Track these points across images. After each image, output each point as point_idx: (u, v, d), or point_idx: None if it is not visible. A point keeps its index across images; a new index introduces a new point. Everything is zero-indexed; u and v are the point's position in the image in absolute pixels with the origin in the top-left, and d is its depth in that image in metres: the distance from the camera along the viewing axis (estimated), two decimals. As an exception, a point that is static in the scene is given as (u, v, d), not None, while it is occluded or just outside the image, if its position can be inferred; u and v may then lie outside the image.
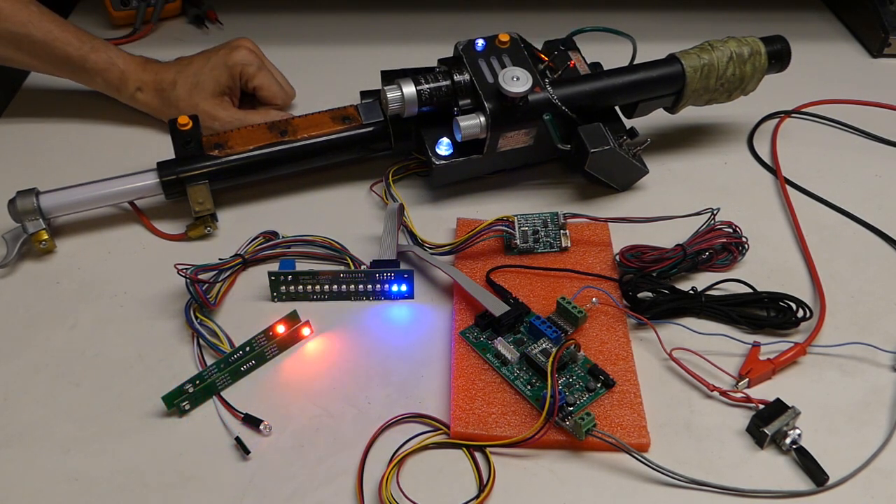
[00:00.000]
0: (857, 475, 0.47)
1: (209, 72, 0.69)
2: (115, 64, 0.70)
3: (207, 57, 0.70)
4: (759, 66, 0.67)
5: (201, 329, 0.54)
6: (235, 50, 0.70)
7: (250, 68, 0.70)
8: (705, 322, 0.56)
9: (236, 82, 0.71)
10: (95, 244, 0.62)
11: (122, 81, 0.70)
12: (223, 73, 0.70)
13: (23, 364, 0.53)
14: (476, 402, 0.49)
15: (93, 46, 0.69)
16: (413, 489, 0.46)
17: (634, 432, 0.48)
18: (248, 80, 0.71)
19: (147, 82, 0.70)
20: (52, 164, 0.70)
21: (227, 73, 0.70)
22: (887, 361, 0.54)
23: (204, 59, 0.70)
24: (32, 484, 0.46)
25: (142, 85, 0.70)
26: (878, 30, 0.87)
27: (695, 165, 0.71)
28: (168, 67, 0.71)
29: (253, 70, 0.70)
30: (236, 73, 0.70)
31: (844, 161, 0.72)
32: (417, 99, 0.62)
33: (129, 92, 0.71)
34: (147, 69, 0.70)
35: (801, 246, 0.62)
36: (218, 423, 0.49)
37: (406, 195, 0.66)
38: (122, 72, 0.70)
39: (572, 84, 0.64)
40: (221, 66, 0.70)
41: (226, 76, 0.70)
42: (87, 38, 0.69)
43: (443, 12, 0.94)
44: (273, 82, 0.72)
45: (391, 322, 0.56)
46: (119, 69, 0.70)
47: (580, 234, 0.61)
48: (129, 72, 0.70)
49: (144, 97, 0.71)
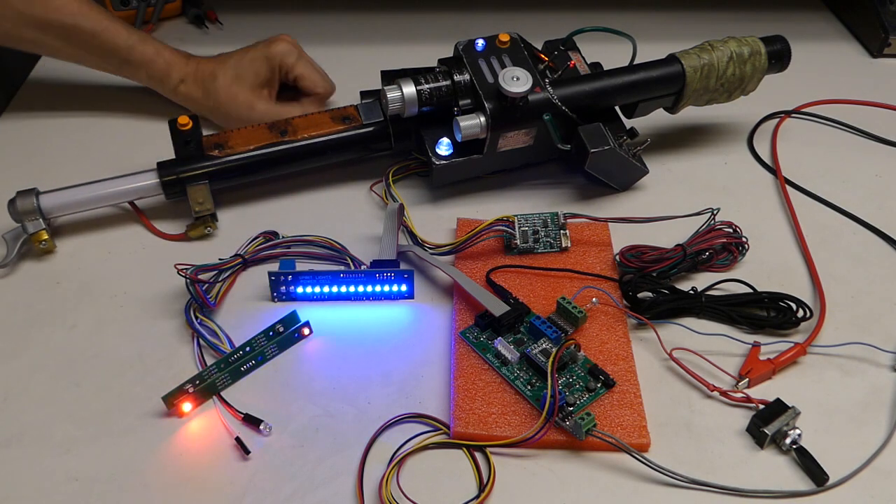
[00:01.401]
0: (857, 475, 0.47)
1: (249, 64, 0.70)
2: (160, 55, 0.70)
3: (246, 50, 0.71)
4: (759, 66, 0.67)
5: (201, 329, 0.54)
6: (275, 43, 0.71)
7: (290, 58, 0.71)
8: (705, 322, 0.56)
9: (276, 74, 0.71)
10: (95, 244, 0.62)
11: (166, 74, 0.71)
12: (263, 65, 0.70)
13: (23, 364, 0.53)
14: (476, 402, 0.49)
15: (139, 38, 0.70)
16: (413, 489, 0.46)
17: (634, 432, 0.48)
18: (289, 70, 0.71)
19: (189, 74, 0.71)
20: (53, 164, 0.70)
21: (266, 66, 0.70)
22: (887, 361, 0.54)
23: (243, 53, 0.71)
24: (32, 484, 0.46)
25: (185, 77, 0.71)
26: (878, 30, 0.87)
27: (695, 165, 0.71)
28: (208, 60, 0.72)
29: (293, 60, 0.71)
30: (276, 65, 0.70)
31: (844, 161, 0.72)
32: (417, 99, 0.62)
33: (172, 84, 0.71)
34: (189, 62, 0.71)
35: (801, 246, 0.62)
36: (218, 423, 0.49)
37: (406, 195, 0.66)
38: (167, 64, 0.70)
39: (572, 84, 0.64)
40: (261, 58, 0.70)
41: (265, 68, 0.70)
42: (134, 31, 0.70)
43: (443, 12, 0.94)
44: (314, 71, 0.73)
45: (391, 322, 0.56)
46: (164, 61, 0.70)
47: (580, 234, 0.61)
48: (172, 64, 0.71)
49: (187, 89, 0.71)
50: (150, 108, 0.74)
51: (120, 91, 0.77)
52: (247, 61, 0.70)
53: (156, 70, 0.71)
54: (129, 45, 0.69)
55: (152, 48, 0.70)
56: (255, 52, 0.71)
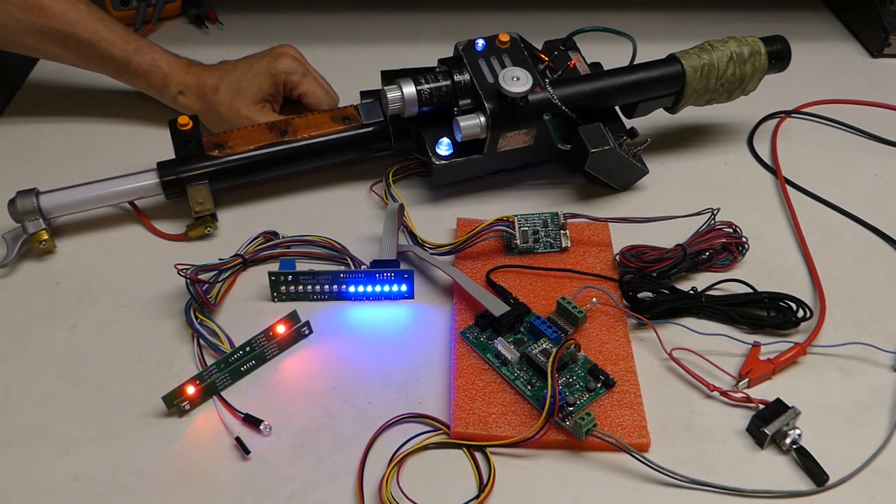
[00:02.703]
0: (857, 475, 0.47)
1: (252, 78, 0.69)
2: (158, 66, 0.70)
3: (251, 63, 0.70)
4: (759, 66, 0.67)
5: (201, 329, 0.54)
6: (280, 58, 0.70)
7: (294, 76, 0.70)
8: (705, 322, 0.56)
9: (280, 90, 0.70)
10: (95, 244, 0.62)
11: (165, 84, 0.70)
12: (266, 81, 0.69)
13: (23, 364, 0.53)
14: (476, 402, 0.49)
15: (137, 48, 0.69)
16: (413, 489, 0.46)
17: (634, 432, 0.48)
18: (293, 87, 0.70)
19: (189, 86, 0.70)
20: (52, 164, 0.70)
21: (270, 81, 0.69)
22: (887, 361, 0.54)
23: (247, 66, 0.70)
24: (32, 484, 0.46)
25: (184, 88, 0.70)
26: (878, 30, 0.87)
27: (695, 165, 0.71)
28: (211, 72, 0.70)
29: (297, 78, 0.70)
30: (280, 81, 0.70)
31: (844, 161, 0.72)
32: (417, 99, 0.62)
33: (171, 94, 0.71)
34: (190, 72, 0.70)
35: (801, 246, 0.62)
36: (218, 423, 0.49)
37: (406, 195, 0.66)
38: (165, 74, 0.70)
39: (572, 84, 0.64)
40: (265, 74, 0.69)
41: (269, 83, 0.69)
42: (133, 39, 0.69)
43: (443, 12, 0.94)
44: (318, 88, 0.71)
45: (391, 322, 0.56)
46: (162, 72, 0.70)
47: (580, 234, 0.61)
48: (171, 74, 0.70)
49: (186, 100, 0.70)
50: (150, 109, 0.74)
51: (120, 92, 0.77)
52: (250, 76, 0.69)
53: (154, 80, 0.70)
54: (126, 56, 0.68)
55: (149, 58, 0.69)
56: (259, 66, 0.69)
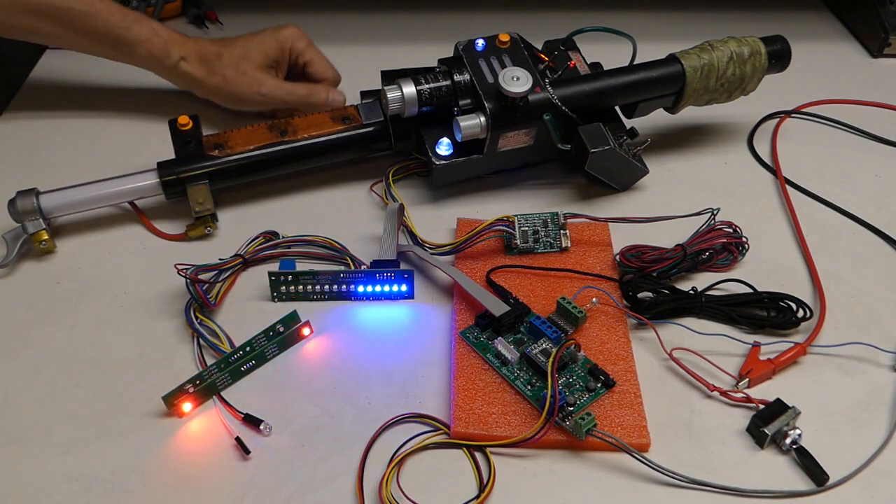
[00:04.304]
0: (857, 475, 0.47)
1: (258, 44, 0.69)
2: (158, 34, 0.69)
3: (254, 34, 0.70)
4: (759, 66, 0.67)
5: (201, 329, 0.54)
6: (284, 27, 0.71)
7: (300, 43, 0.70)
8: (705, 322, 0.56)
9: (285, 56, 0.71)
10: (95, 244, 0.62)
11: (166, 51, 0.69)
12: (272, 46, 0.69)
13: (23, 364, 0.53)
14: (476, 402, 0.49)
15: (136, 18, 0.68)
16: (413, 489, 0.46)
17: (634, 432, 0.48)
18: (299, 55, 0.71)
19: (191, 51, 0.69)
20: (53, 164, 0.70)
21: (276, 46, 0.70)
22: (887, 361, 0.54)
23: (251, 35, 0.70)
24: (32, 484, 0.46)
25: (186, 54, 0.69)
26: (878, 30, 0.87)
27: (695, 165, 0.71)
28: (212, 42, 0.71)
29: (303, 45, 0.71)
30: (286, 48, 0.70)
31: (844, 161, 0.72)
32: (417, 99, 0.62)
33: (172, 61, 0.69)
34: (188, 41, 0.70)
35: (801, 246, 0.62)
36: (218, 423, 0.49)
37: (406, 195, 0.66)
38: (166, 42, 0.69)
39: (572, 84, 0.64)
40: (271, 39, 0.69)
41: (275, 49, 0.70)
42: (129, 11, 0.68)
43: (443, 12, 0.94)
44: (323, 58, 0.72)
45: (391, 322, 0.56)
46: (162, 39, 0.69)
47: (580, 234, 0.61)
48: (172, 41, 0.69)
49: (189, 66, 0.69)
50: (150, 109, 0.74)
51: (120, 91, 0.77)
52: (255, 42, 0.69)
53: (154, 47, 0.69)
54: (126, 25, 0.67)
55: (149, 27, 0.68)
56: (263, 34, 0.70)
